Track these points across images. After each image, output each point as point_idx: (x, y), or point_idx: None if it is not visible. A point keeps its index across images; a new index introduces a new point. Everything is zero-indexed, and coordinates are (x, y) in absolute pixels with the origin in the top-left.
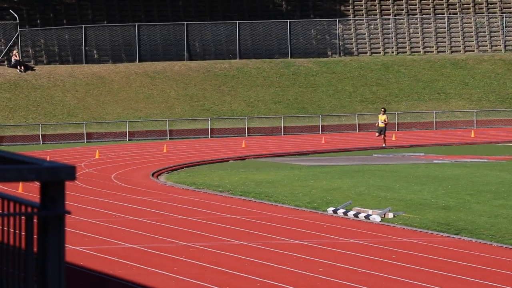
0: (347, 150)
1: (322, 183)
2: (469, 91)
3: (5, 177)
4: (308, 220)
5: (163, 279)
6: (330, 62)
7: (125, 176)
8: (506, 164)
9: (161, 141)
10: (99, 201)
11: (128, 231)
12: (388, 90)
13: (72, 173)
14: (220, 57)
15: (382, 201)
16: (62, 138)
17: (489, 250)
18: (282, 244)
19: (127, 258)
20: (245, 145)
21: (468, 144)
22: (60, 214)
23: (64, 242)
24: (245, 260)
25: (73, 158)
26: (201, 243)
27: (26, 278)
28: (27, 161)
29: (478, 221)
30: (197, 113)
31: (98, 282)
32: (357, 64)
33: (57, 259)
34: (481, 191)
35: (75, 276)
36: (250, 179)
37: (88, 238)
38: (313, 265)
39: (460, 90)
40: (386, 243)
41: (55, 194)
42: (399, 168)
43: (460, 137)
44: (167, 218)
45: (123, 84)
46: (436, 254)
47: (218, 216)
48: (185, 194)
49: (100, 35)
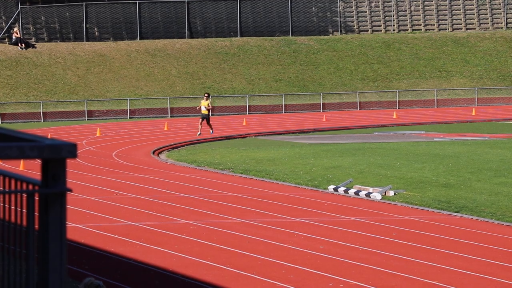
0: (348, 128)
1: (323, 161)
2: (470, 69)
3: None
4: (309, 198)
5: (164, 257)
6: (331, 39)
7: (126, 154)
8: (507, 141)
9: (162, 119)
10: (100, 178)
11: (129, 209)
12: (389, 68)
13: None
14: (221, 35)
15: (382, 179)
16: (63, 116)
17: (489, 228)
18: (283, 222)
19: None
20: (246, 123)
21: (469, 122)
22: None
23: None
24: (245, 238)
25: (74, 135)
26: (202, 220)
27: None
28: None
29: (479, 199)
30: (198, 91)
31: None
32: (358, 42)
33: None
34: (482, 169)
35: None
36: (251, 157)
37: (89, 216)
38: (314, 243)
39: (461, 68)
40: (387, 221)
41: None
42: (400, 146)
43: (461, 115)
44: (168, 196)
45: (124, 62)
46: (437, 232)
47: (219, 194)
48: (186, 172)
49: (101, 12)
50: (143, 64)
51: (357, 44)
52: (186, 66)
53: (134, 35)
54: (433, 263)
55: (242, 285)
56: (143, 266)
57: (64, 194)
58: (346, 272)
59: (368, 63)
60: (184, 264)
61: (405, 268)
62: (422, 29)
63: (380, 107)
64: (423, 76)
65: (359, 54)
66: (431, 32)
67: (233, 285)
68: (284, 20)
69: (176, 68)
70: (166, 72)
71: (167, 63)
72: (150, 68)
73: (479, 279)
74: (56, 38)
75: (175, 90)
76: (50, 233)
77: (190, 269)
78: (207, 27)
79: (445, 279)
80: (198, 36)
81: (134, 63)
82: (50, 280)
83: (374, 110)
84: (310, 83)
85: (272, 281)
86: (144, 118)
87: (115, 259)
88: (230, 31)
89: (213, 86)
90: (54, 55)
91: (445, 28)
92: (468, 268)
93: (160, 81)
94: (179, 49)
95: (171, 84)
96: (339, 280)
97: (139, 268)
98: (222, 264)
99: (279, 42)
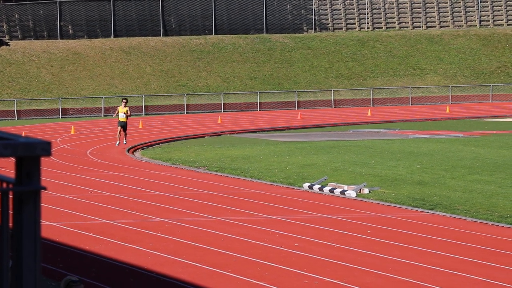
0: (323, 126)
1: (298, 159)
2: (444, 67)
3: None
4: (284, 195)
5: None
6: (306, 37)
7: (100, 152)
8: (481, 139)
9: (137, 117)
10: (75, 176)
11: (104, 207)
12: (363, 66)
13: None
14: (195, 33)
15: (357, 177)
16: (37, 114)
17: (463, 225)
18: (258, 220)
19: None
20: (220, 121)
21: (443, 119)
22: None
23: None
24: (220, 236)
25: (48, 133)
26: (177, 218)
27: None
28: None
29: (453, 196)
30: (172, 88)
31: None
32: (332, 40)
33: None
34: (456, 166)
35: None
36: (226, 155)
37: (64, 214)
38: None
39: (435, 66)
40: (362, 219)
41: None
42: (375, 143)
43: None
44: (143, 193)
45: (98, 60)
46: (411, 229)
47: (194, 192)
48: (161, 170)
49: (75, 10)
50: (118, 62)
51: (331, 42)
52: (160, 64)
53: (108, 33)
54: (407, 260)
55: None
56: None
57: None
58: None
59: (342, 61)
60: (159, 262)
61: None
62: (396, 27)
63: (354, 105)
64: (397, 74)
65: (334, 52)
66: (405, 30)
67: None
68: (259, 18)
69: (151, 66)
70: (141, 70)
71: (141, 61)
72: (125, 66)
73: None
74: (30, 36)
75: (149, 88)
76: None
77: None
78: (182, 24)
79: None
80: (173, 34)
81: (108, 61)
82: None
83: (348, 107)
84: (285, 81)
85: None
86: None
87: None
88: (205, 28)
89: (187, 84)
90: (28, 53)
91: (419, 26)
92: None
93: (135, 79)
94: (153, 47)
95: (146, 82)
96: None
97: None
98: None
99: (253, 40)
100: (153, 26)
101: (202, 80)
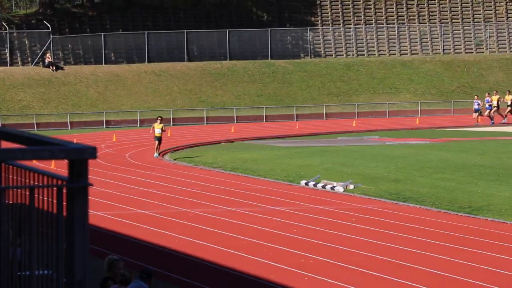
0: (317, 134)
1: (296, 161)
2: (414, 86)
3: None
4: (285, 190)
5: (168, 238)
6: (303, 62)
7: (137, 156)
8: (444, 145)
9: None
10: (116, 175)
11: (140, 200)
12: (349, 86)
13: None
14: (213, 59)
15: (344, 175)
16: (86, 125)
17: (430, 214)
18: (264, 210)
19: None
20: (234, 130)
21: (414, 129)
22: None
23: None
24: (233, 224)
25: (95, 141)
26: (198, 209)
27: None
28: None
29: (422, 191)
30: (195, 104)
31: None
32: (324, 64)
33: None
34: (424, 167)
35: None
36: (238, 158)
37: (107, 205)
38: (289, 227)
39: (407, 86)
40: (348, 209)
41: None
42: (359, 148)
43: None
44: (170, 189)
45: (135, 81)
46: (388, 218)
47: (212, 188)
48: (185, 170)
49: (117, 41)
50: (151, 83)
51: (323, 66)
52: (185, 84)
53: (143, 59)
54: (384, 242)
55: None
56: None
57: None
58: (315, 250)
59: (332, 81)
60: (184, 244)
61: (362, 247)
62: (376, 54)
63: (342, 117)
64: (377, 92)
65: (325, 74)
66: (383, 56)
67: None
68: (265, 46)
69: (177, 86)
70: (169, 89)
71: (170, 81)
72: (156, 85)
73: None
74: (80, 62)
75: (176, 103)
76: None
77: (188, 248)
78: (202, 52)
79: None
80: (195, 59)
81: (143, 82)
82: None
83: (337, 119)
84: (286, 97)
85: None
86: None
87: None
88: (221, 55)
89: (207, 100)
90: (79, 76)
91: (394, 53)
92: (413, 246)
93: (164, 96)
94: (179, 70)
95: (173, 98)
96: (309, 257)
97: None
98: (214, 244)
99: (260, 65)
100: (179, 53)
101: (218, 97)
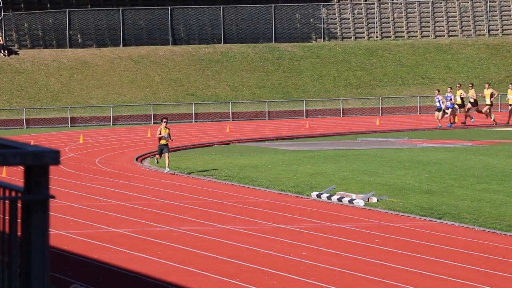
0: (331, 134)
1: (306, 168)
2: (453, 76)
3: None
4: (292, 204)
5: (147, 263)
6: (315, 46)
7: (109, 161)
8: (490, 148)
9: (145, 126)
10: (83, 185)
11: (112, 215)
12: (372, 75)
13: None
14: (204, 42)
15: (365, 186)
16: (46, 123)
17: (472, 234)
18: (266, 229)
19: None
20: (229, 130)
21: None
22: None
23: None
24: (228, 245)
25: (57, 142)
26: (184, 227)
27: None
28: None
29: (461, 205)
30: (181, 97)
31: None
32: (341, 49)
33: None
34: (464, 175)
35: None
36: (234, 164)
37: (72, 222)
38: (297, 250)
39: (444, 75)
40: (370, 227)
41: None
42: (383, 152)
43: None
44: (151, 202)
45: (107, 69)
46: (419, 238)
47: (202, 201)
48: (169, 179)
49: (84, 19)
50: (126, 71)
51: (340, 51)
52: (169, 73)
53: (117, 42)
54: (415, 269)
55: None
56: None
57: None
58: (329, 278)
59: (351, 70)
60: (167, 270)
61: (387, 275)
62: (405, 36)
63: (363, 114)
64: (406, 83)
65: (342, 61)
66: (413, 39)
67: None
68: (268, 26)
69: (160, 75)
70: (149, 78)
71: (150, 69)
72: (133, 74)
73: (461, 285)
74: (39, 45)
75: (158, 96)
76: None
77: (173, 276)
78: (190, 33)
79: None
80: (182, 42)
81: (117, 70)
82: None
83: (357, 116)
84: (293, 89)
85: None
86: (127, 124)
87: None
88: (214, 37)
89: (196, 92)
90: (37, 62)
91: (427, 35)
92: (450, 274)
93: (143, 88)
94: (162, 55)
95: (154, 90)
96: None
97: (122, 274)
98: (205, 271)
99: (262, 49)
100: (162, 35)
101: (210, 89)
